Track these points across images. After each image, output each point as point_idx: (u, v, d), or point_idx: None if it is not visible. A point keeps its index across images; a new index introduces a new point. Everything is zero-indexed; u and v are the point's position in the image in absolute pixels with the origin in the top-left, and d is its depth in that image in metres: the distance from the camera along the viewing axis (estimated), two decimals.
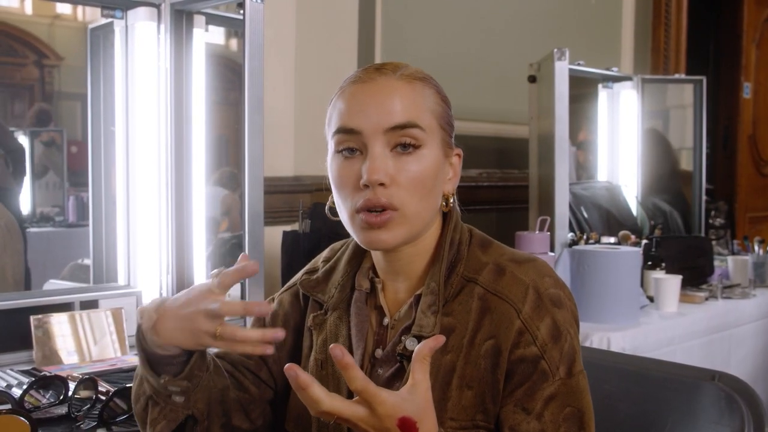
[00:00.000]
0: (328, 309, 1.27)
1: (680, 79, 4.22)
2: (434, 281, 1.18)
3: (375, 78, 1.18)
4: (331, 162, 1.19)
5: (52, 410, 1.61)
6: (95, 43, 2.37)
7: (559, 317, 1.15)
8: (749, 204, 5.83)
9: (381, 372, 1.20)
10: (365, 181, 1.13)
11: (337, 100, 1.19)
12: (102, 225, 2.38)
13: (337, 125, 1.17)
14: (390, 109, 1.15)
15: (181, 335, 1.12)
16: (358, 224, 1.16)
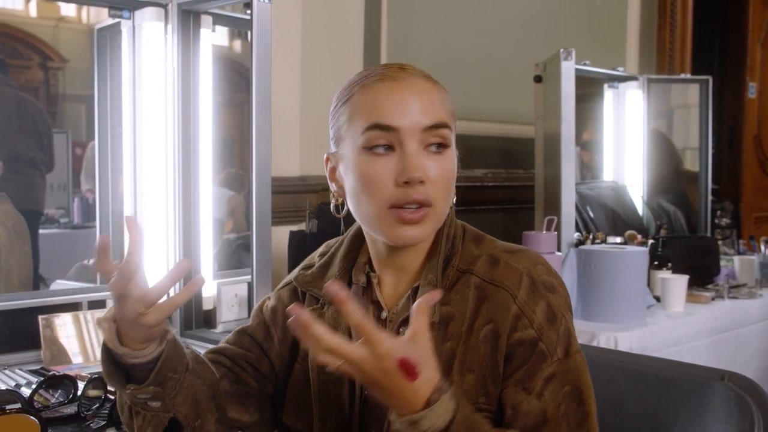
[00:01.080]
0: (325, 303, 1.27)
1: (686, 79, 4.21)
2: (432, 273, 1.21)
3: (405, 77, 1.19)
4: (356, 159, 1.18)
5: (62, 409, 1.61)
6: (102, 44, 2.37)
7: (553, 301, 1.18)
8: (754, 204, 5.83)
9: None
10: (408, 178, 1.14)
11: (362, 95, 1.19)
12: (109, 225, 2.39)
13: (371, 121, 1.16)
14: (427, 109, 1.17)
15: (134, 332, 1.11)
16: (389, 220, 1.17)
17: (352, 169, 1.19)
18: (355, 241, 1.29)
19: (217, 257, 2.50)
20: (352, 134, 1.19)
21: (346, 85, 1.24)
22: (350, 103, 1.20)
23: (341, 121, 1.21)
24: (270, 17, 2.01)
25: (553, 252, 2.61)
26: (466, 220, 1.29)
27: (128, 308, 1.07)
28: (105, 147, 2.38)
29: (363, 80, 1.21)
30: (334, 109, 1.24)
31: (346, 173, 1.21)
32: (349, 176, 1.20)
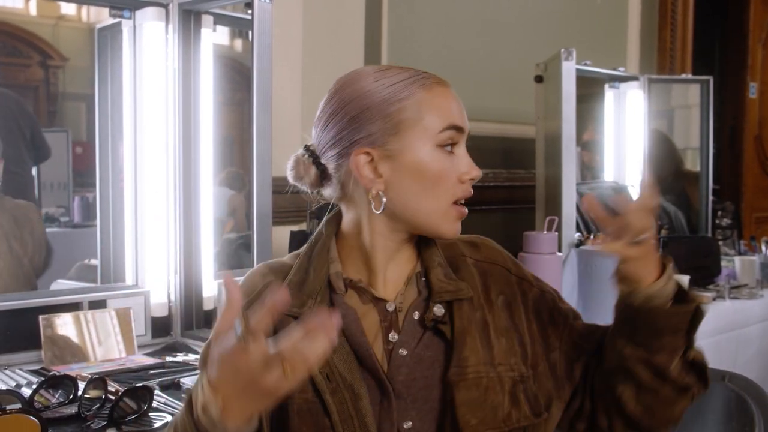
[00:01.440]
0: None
1: (687, 79, 4.21)
2: (437, 257, 1.30)
3: (448, 84, 1.29)
4: (428, 155, 1.23)
5: (62, 410, 1.61)
6: (103, 44, 2.37)
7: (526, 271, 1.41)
8: (755, 204, 5.82)
9: (405, 352, 1.24)
10: (474, 176, 1.26)
11: (427, 95, 1.24)
12: (109, 225, 2.39)
13: (449, 122, 1.24)
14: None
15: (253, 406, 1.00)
16: (452, 216, 1.26)
17: (421, 165, 1.23)
18: (323, 253, 1.29)
19: (218, 257, 2.49)
20: (421, 133, 1.23)
21: (390, 81, 1.25)
22: (414, 101, 1.23)
23: (400, 117, 1.23)
24: (271, 17, 2.01)
25: (554, 252, 2.60)
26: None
27: (272, 375, 0.95)
28: (105, 146, 2.38)
29: (420, 80, 1.25)
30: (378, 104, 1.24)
31: (401, 168, 1.23)
32: (407, 172, 1.23)
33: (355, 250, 1.29)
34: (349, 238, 1.30)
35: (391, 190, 1.23)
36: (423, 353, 1.24)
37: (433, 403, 1.23)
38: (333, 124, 1.27)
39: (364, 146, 1.23)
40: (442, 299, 1.26)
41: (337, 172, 1.28)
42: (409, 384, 1.22)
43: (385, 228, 1.27)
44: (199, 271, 2.30)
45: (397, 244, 1.28)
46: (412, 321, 1.26)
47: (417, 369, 1.24)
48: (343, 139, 1.25)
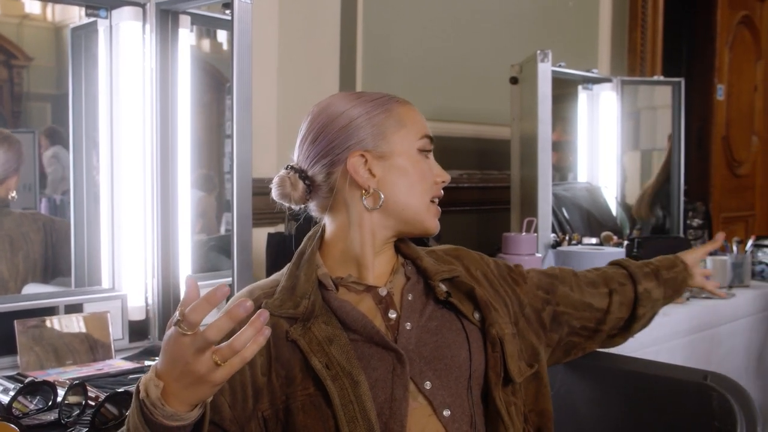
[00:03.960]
0: (305, 319, 1.32)
1: (660, 81, 4.23)
2: (420, 252, 1.49)
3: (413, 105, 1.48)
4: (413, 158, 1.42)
5: (41, 416, 1.57)
6: (76, 43, 2.34)
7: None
8: (723, 204, 5.88)
9: (410, 325, 1.38)
10: (445, 179, 1.46)
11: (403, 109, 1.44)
12: (84, 227, 2.35)
13: (425, 132, 1.45)
14: None
15: (191, 391, 1.09)
16: (431, 211, 1.45)
17: (408, 164, 1.42)
18: (312, 260, 1.40)
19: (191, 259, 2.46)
20: (403, 137, 1.42)
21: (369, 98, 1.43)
22: (394, 114, 1.42)
23: (386, 124, 1.41)
24: (251, 17, 1.99)
25: (533, 253, 2.61)
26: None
27: (203, 361, 1.05)
28: (79, 148, 2.34)
29: (394, 99, 1.45)
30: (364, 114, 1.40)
31: (391, 168, 1.40)
32: (397, 170, 1.41)
33: (343, 252, 1.42)
34: (333, 246, 1.43)
35: (384, 188, 1.40)
36: (428, 324, 1.40)
37: (447, 361, 1.37)
38: (322, 137, 1.40)
39: (358, 150, 1.38)
40: (441, 278, 1.44)
41: (327, 180, 1.40)
42: (420, 350, 1.36)
43: (377, 224, 1.41)
44: (177, 273, 2.27)
45: (383, 241, 1.43)
46: (408, 301, 1.41)
47: (425, 336, 1.38)
48: (335, 148, 1.39)
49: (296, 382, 1.30)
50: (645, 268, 1.80)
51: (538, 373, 1.52)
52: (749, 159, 6.35)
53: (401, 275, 1.45)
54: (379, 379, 1.30)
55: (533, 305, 1.60)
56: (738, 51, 6.05)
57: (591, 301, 1.69)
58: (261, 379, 1.30)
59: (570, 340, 1.68)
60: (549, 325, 1.63)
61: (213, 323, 1.04)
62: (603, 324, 1.72)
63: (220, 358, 1.05)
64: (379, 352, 1.32)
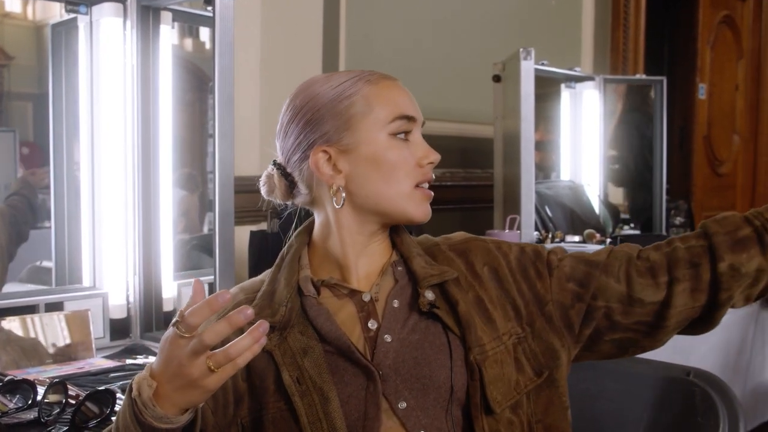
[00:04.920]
0: (283, 327, 1.26)
1: (642, 80, 4.26)
2: (414, 248, 1.36)
3: (395, 79, 1.35)
4: (383, 144, 1.29)
5: (20, 415, 1.56)
6: (57, 40, 2.32)
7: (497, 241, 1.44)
8: (705, 203, 5.91)
9: (390, 338, 1.27)
10: (432, 159, 1.31)
11: (374, 90, 1.31)
12: (64, 226, 2.33)
13: (399, 112, 1.30)
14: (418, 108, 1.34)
15: (183, 394, 1.07)
16: (417, 197, 1.31)
17: (377, 154, 1.29)
18: (294, 263, 1.33)
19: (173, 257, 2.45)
20: (371, 124, 1.29)
21: (337, 82, 1.32)
22: (361, 96, 1.30)
23: (350, 112, 1.29)
24: (232, 14, 1.98)
25: None
26: None
27: (197, 365, 1.04)
28: (60, 145, 2.32)
29: (366, 77, 1.32)
30: (328, 104, 1.30)
31: (358, 160, 1.29)
32: (365, 162, 1.29)
33: (326, 252, 1.33)
34: (319, 242, 1.34)
35: (351, 183, 1.29)
36: (409, 337, 1.27)
37: (426, 380, 1.25)
38: (291, 131, 1.33)
39: (320, 145, 1.29)
40: (430, 283, 1.30)
41: (301, 177, 1.33)
42: (397, 366, 1.24)
43: (352, 222, 1.31)
44: (159, 272, 2.26)
45: (366, 237, 1.32)
46: (392, 309, 1.29)
47: (405, 351, 1.26)
48: (301, 143, 1.31)
49: (269, 394, 1.25)
50: (739, 232, 1.32)
51: (551, 379, 1.33)
52: (731, 158, 6.39)
53: (390, 276, 1.33)
54: (351, 395, 1.23)
55: (560, 301, 1.35)
56: (719, 50, 6.08)
57: (641, 295, 1.34)
58: (242, 385, 1.27)
59: (623, 337, 1.37)
60: (579, 324, 1.36)
61: (211, 327, 1.03)
62: (665, 319, 1.36)
63: (214, 363, 1.03)
64: (352, 366, 1.24)
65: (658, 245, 1.38)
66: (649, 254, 1.36)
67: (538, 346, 1.32)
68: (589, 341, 1.37)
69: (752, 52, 6.49)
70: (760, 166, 6.64)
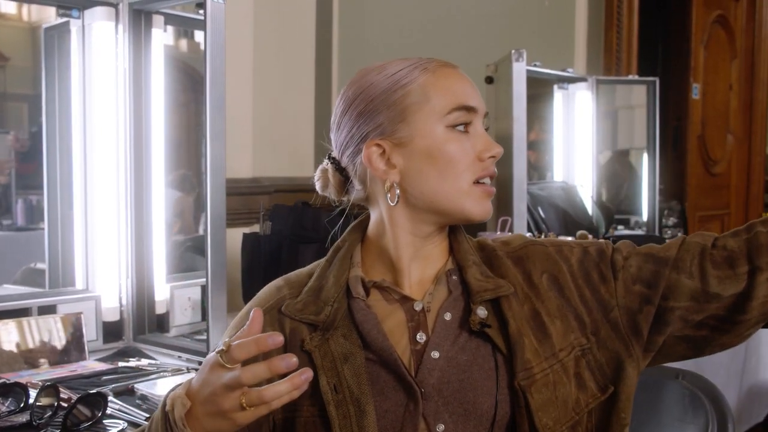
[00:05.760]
0: (325, 328, 1.21)
1: (634, 80, 4.27)
2: (471, 256, 1.27)
3: (457, 67, 1.29)
4: (440, 137, 1.20)
5: (13, 418, 1.57)
6: (50, 43, 2.33)
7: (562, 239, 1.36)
8: (699, 203, 5.92)
9: (438, 354, 1.20)
10: (494, 153, 1.22)
11: (432, 78, 1.24)
12: (58, 228, 2.34)
13: (457, 102, 1.21)
14: (481, 98, 1.27)
15: (212, 421, 1.04)
16: (476, 194, 1.22)
17: (433, 148, 1.20)
18: (346, 259, 1.27)
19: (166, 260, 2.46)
20: (427, 116, 1.21)
21: (393, 71, 1.26)
22: (417, 86, 1.23)
23: (405, 103, 1.22)
24: (224, 17, 1.99)
25: None
26: None
27: (230, 399, 1.01)
28: (53, 148, 2.33)
29: (424, 65, 1.27)
30: (381, 94, 1.24)
31: (413, 154, 1.21)
32: (420, 157, 1.21)
33: (380, 252, 1.27)
34: (374, 241, 1.28)
35: (406, 179, 1.22)
36: (458, 356, 1.20)
37: (468, 406, 1.18)
38: (344, 125, 1.26)
39: (374, 138, 1.22)
40: (483, 299, 1.22)
41: (355, 172, 1.26)
42: (441, 387, 1.18)
43: (407, 221, 1.24)
44: (151, 274, 2.27)
45: (421, 239, 1.25)
46: (444, 322, 1.22)
47: (451, 372, 1.19)
48: (354, 136, 1.24)
49: (304, 396, 1.14)
50: None
51: (614, 396, 1.23)
52: (725, 158, 6.40)
53: (444, 286, 1.25)
54: (389, 410, 1.17)
55: (626, 306, 1.25)
56: (713, 50, 6.09)
57: (718, 290, 1.22)
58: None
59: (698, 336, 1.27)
60: (648, 329, 1.25)
61: (251, 367, 1.00)
62: (743, 312, 1.23)
63: (247, 401, 1.00)
64: (394, 380, 1.18)
65: (737, 231, 1.26)
66: (726, 242, 1.24)
67: (604, 356, 1.24)
68: (661, 347, 1.27)
69: (746, 51, 6.50)
70: (754, 166, 6.65)
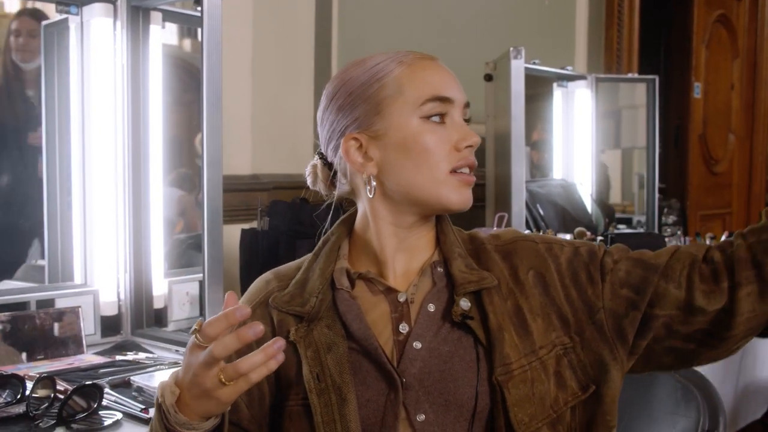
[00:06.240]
0: (309, 320, 1.23)
1: (633, 78, 4.27)
2: (457, 248, 1.26)
3: (435, 58, 1.29)
4: (414, 128, 1.21)
5: (9, 409, 1.58)
6: (49, 41, 2.34)
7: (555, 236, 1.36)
8: (700, 202, 5.92)
9: (420, 345, 1.20)
10: (471, 142, 1.22)
11: (408, 71, 1.24)
12: (57, 224, 2.35)
13: (431, 94, 1.22)
14: (462, 88, 1.26)
15: (199, 403, 1.06)
16: (453, 183, 1.21)
17: (407, 139, 1.21)
18: (332, 252, 1.29)
19: (168, 257, 2.47)
20: (401, 107, 1.22)
21: (371, 64, 1.27)
22: (393, 79, 1.24)
23: (380, 96, 1.23)
24: (220, 13, 2.00)
25: None
26: None
27: (210, 377, 1.03)
28: (53, 145, 2.34)
29: (400, 58, 1.26)
30: (359, 88, 1.25)
31: (389, 146, 1.22)
32: (395, 149, 1.22)
33: (365, 244, 1.28)
34: (360, 234, 1.29)
35: (384, 171, 1.23)
36: (440, 347, 1.21)
37: (449, 397, 1.18)
38: (326, 119, 1.28)
39: (351, 132, 1.24)
40: (466, 291, 1.21)
41: (339, 166, 1.28)
42: (422, 377, 1.19)
43: (388, 213, 1.25)
44: (149, 269, 2.28)
45: (405, 230, 1.26)
46: (427, 313, 1.22)
47: (433, 363, 1.19)
48: (335, 131, 1.26)
49: (292, 386, 1.22)
50: None
51: (597, 395, 1.22)
52: (726, 157, 6.40)
53: (428, 277, 1.25)
54: (371, 399, 1.18)
55: (612, 309, 1.23)
56: (715, 49, 6.09)
57: (702, 303, 1.20)
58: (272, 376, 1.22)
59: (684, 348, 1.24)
60: (633, 334, 1.23)
61: (221, 340, 1.01)
62: (729, 329, 1.20)
63: (225, 376, 1.02)
64: (375, 370, 1.19)
65: (725, 243, 1.24)
66: (714, 254, 1.22)
67: (587, 357, 1.23)
68: (645, 352, 1.24)
69: (748, 51, 6.50)
70: (755, 165, 6.65)
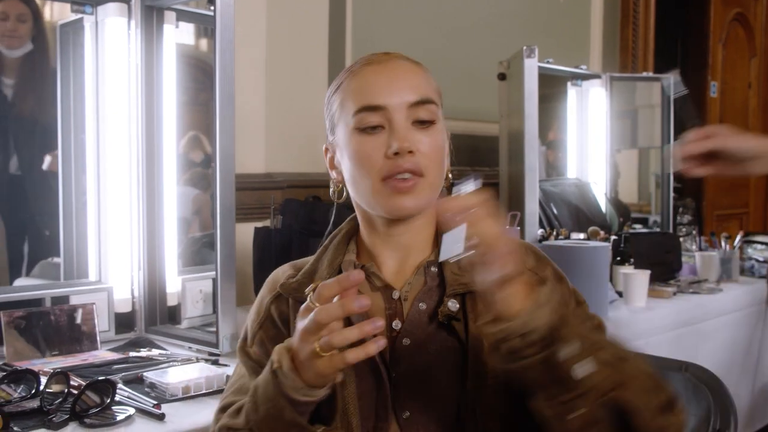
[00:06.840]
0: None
1: (649, 77, 4.25)
2: None
3: (387, 60, 1.27)
4: (349, 141, 1.23)
5: (24, 404, 1.60)
6: (64, 40, 2.36)
7: (555, 266, 1.32)
8: (716, 202, 5.89)
9: (409, 341, 1.22)
10: (396, 149, 1.19)
11: (349, 82, 1.25)
12: (72, 222, 2.37)
13: (360, 104, 1.22)
14: (411, 85, 1.24)
15: (304, 371, 1.07)
16: (385, 192, 1.21)
17: (347, 152, 1.24)
18: (341, 245, 1.32)
19: (183, 255, 2.49)
20: (344, 119, 1.25)
21: (338, 76, 1.29)
22: (340, 91, 1.27)
23: (333, 109, 1.27)
24: (233, 12, 2.01)
25: None
26: None
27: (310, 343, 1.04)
28: (68, 144, 2.37)
29: (351, 68, 1.28)
30: (327, 100, 1.30)
31: (342, 158, 1.27)
32: (345, 160, 1.26)
33: (362, 241, 1.32)
34: (359, 231, 1.34)
35: (345, 180, 1.28)
36: (428, 345, 1.22)
37: (433, 396, 1.20)
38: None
39: (327, 144, 1.31)
40: (455, 292, 1.22)
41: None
42: (409, 375, 1.20)
43: (363, 215, 1.30)
44: (163, 266, 2.30)
45: (383, 231, 1.28)
46: (418, 311, 1.24)
47: (419, 360, 1.21)
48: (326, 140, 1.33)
49: None
50: None
51: None
52: None
53: (422, 276, 1.27)
54: (365, 393, 1.21)
55: None
56: (731, 48, 6.06)
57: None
58: None
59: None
60: None
61: (325, 306, 1.04)
62: None
63: (319, 346, 1.03)
64: (366, 364, 1.19)
65: None
66: None
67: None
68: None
69: (765, 49, 6.46)
70: None
